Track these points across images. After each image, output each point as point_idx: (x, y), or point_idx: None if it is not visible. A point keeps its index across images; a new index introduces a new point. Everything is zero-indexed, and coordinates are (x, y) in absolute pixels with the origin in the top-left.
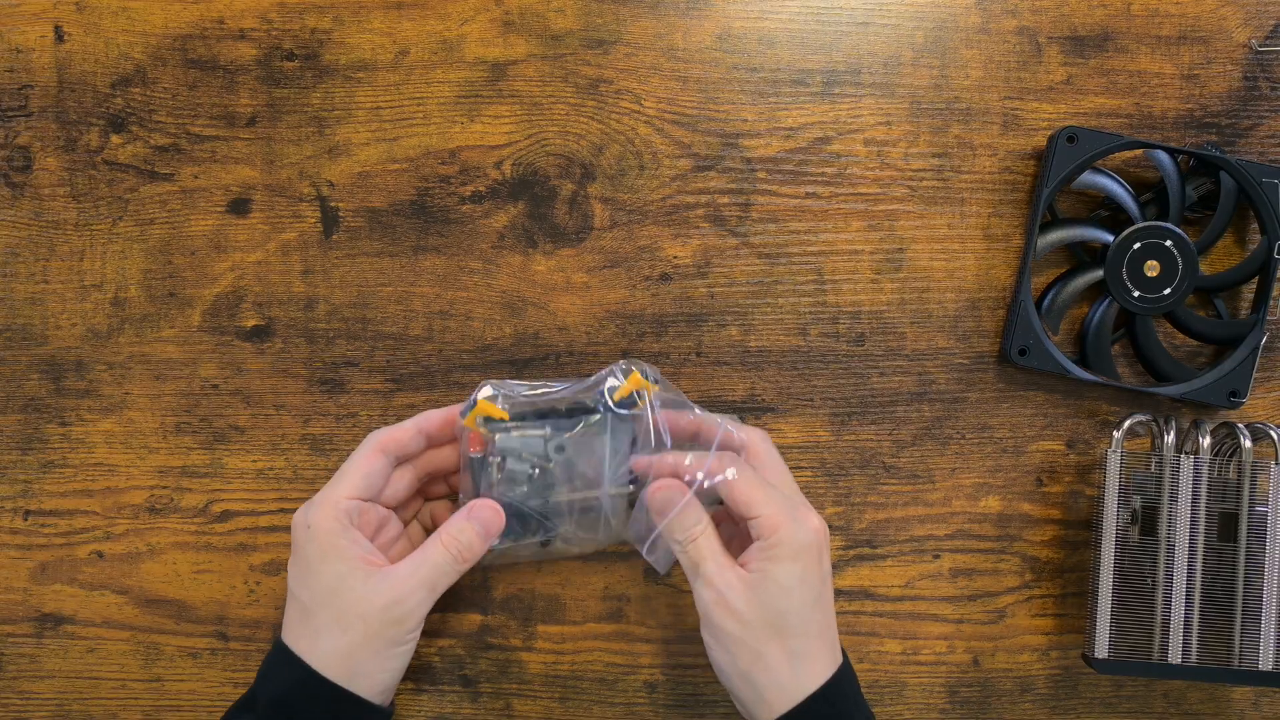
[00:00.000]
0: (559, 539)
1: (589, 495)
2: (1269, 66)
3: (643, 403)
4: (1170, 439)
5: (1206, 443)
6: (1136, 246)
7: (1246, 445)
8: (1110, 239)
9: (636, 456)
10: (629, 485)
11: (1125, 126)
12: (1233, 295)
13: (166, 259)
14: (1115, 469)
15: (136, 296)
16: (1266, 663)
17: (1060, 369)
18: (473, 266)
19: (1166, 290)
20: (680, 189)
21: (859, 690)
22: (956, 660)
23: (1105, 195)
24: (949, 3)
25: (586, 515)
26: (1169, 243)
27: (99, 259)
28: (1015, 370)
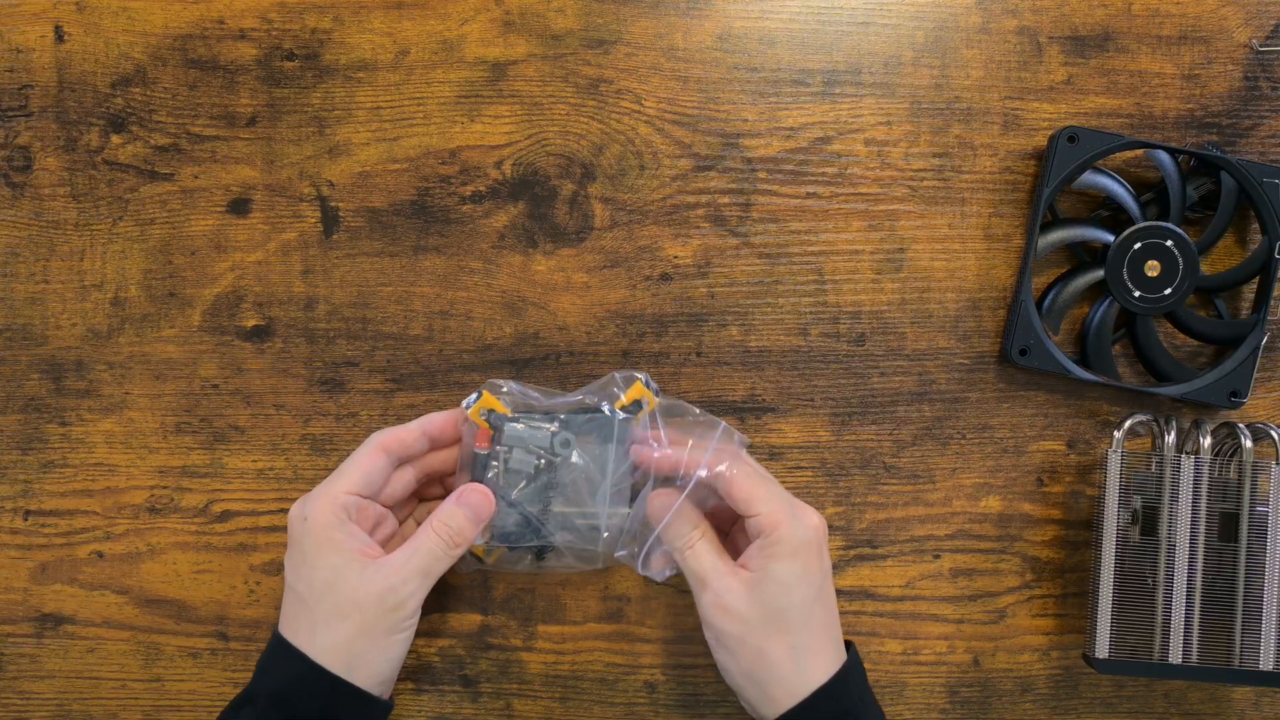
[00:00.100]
0: (554, 553)
1: (587, 510)
2: (1270, 66)
3: (644, 411)
4: (1171, 439)
5: (1207, 443)
6: (1137, 246)
7: (1247, 445)
8: (1111, 239)
9: (638, 448)
10: (626, 507)
11: (1126, 126)
12: (1233, 295)
13: (167, 259)
14: (1116, 469)
15: (136, 296)
16: (1267, 663)
17: (1061, 369)
18: (473, 266)
19: (1167, 290)
20: (681, 189)
21: (866, 685)
22: (957, 660)
23: (1106, 195)
24: (950, 3)
25: (583, 530)
26: (1170, 243)
27: (99, 259)
28: (1016, 370)
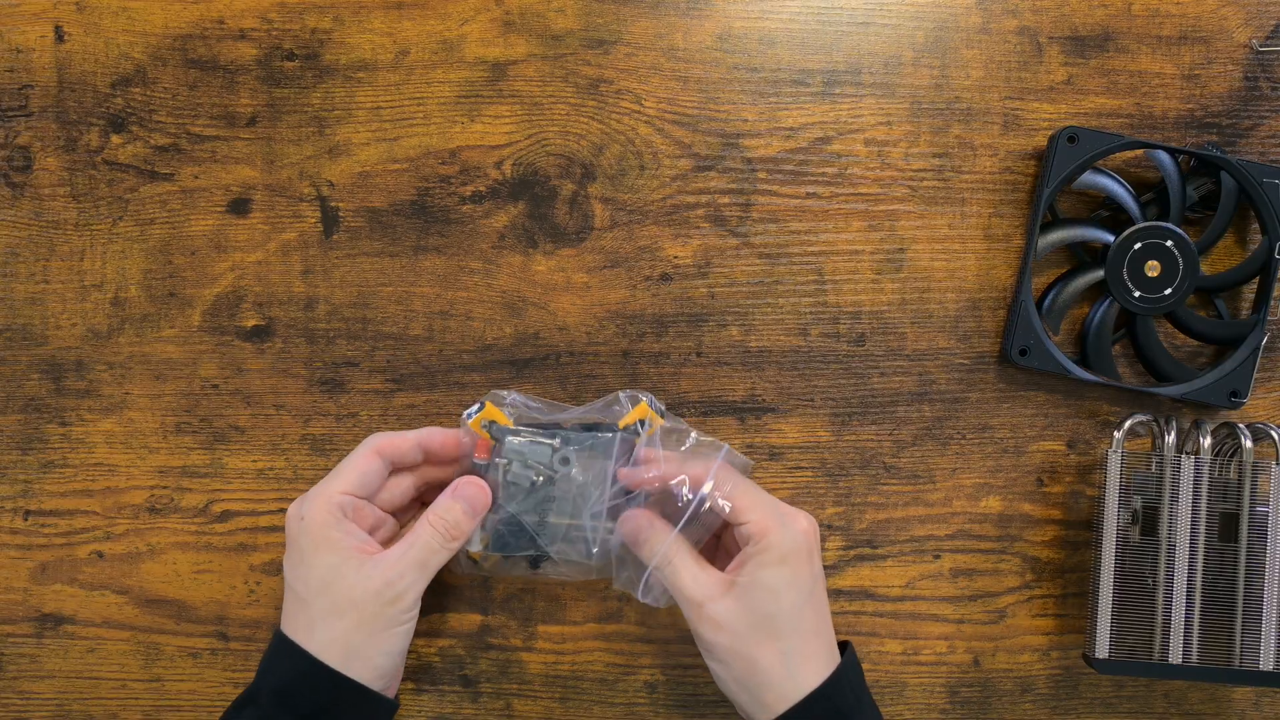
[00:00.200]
0: (549, 562)
1: (580, 525)
2: (1270, 66)
3: (649, 432)
4: (1171, 439)
5: (1207, 443)
6: (1137, 247)
7: (1247, 445)
8: (1111, 239)
9: (626, 471)
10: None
11: (1126, 126)
12: (1233, 295)
13: (166, 259)
14: (1116, 469)
15: (136, 296)
16: (1267, 663)
17: (1061, 369)
18: (473, 266)
19: (1167, 290)
20: (681, 189)
21: (863, 687)
22: (957, 660)
23: (1106, 195)
24: (950, 3)
25: (577, 542)
26: (1170, 243)
27: (99, 259)
28: (1016, 370)
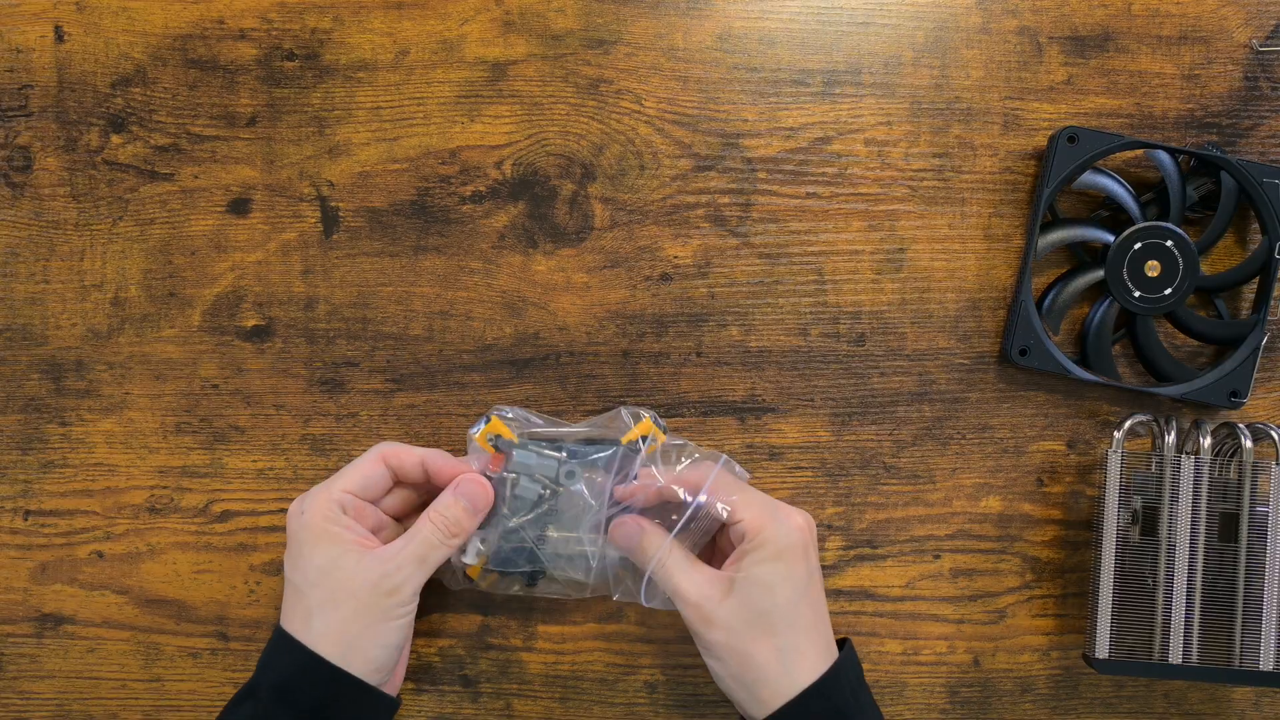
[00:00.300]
0: (545, 579)
1: (579, 539)
2: (1270, 66)
3: (650, 449)
4: (1171, 439)
5: (1207, 443)
6: (1137, 246)
7: (1247, 445)
8: (1111, 239)
9: (621, 487)
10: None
11: (1126, 126)
12: (1233, 295)
13: (166, 259)
14: (1116, 469)
15: (136, 296)
16: (1267, 663)
17: (1061, 369)
18: (473, 266)
19: (1167, 290)
20: (681, 189)
21: (861, 684)
22: (957, 660)
23: (1106, 195)
24: (950, 3)
25: (576, 558)
26: (1170, 243)
27: (99, 259)
28: (1016, 370)
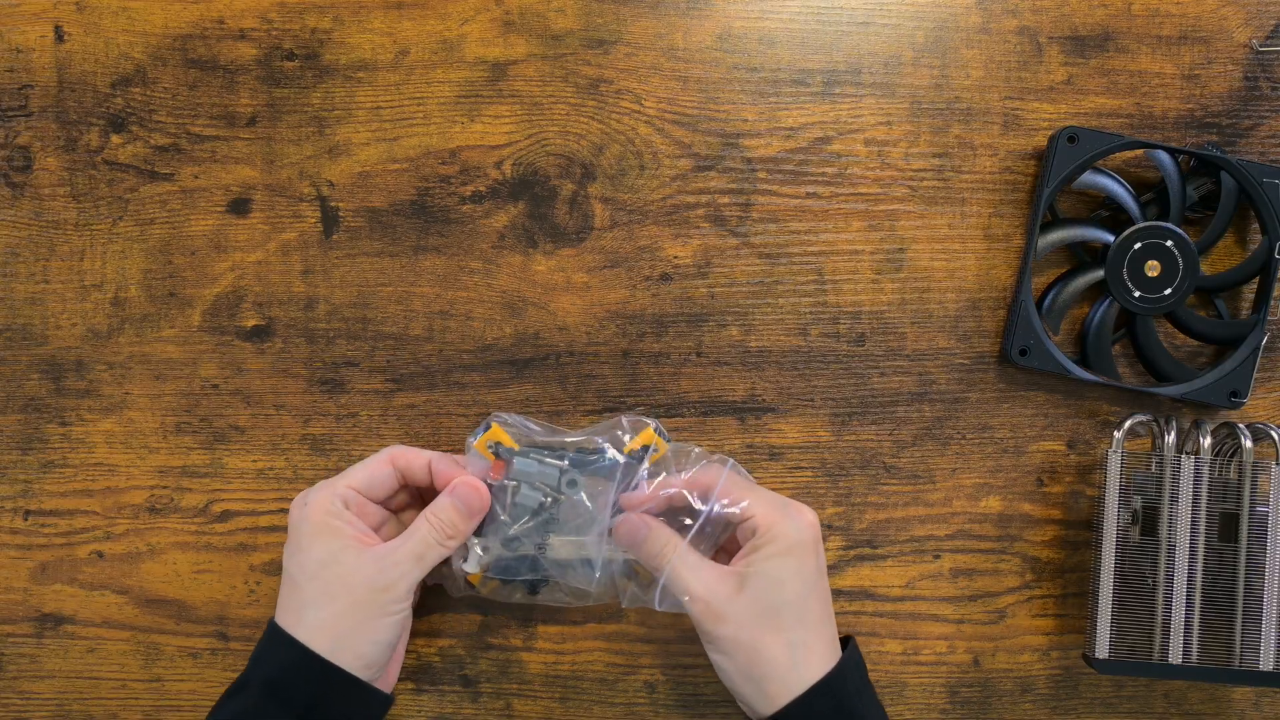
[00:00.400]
0: (548, 587)
1: (582, 546)
2: (1269, 66)
3: (653, 458)
4: (1171, 439)
5: (1207, 443)
6: (1137, 246)
7: (1247, 445)
8: (1111, 239)
9: (628, 495)
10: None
11: (1126, 126)
12: (1233, 295)
13: (166, 259)
14: (1116, 469)
15: (136, 296)
16: (1267, 663)
17: (1061, 369)
18: (473, 266)
19: (1167, 290)
20: (680, 189)
21: (864, 680)
22: (957, 660)
23: (1106, 195)
24: (950, 2)
25: (580, 566)
26: (1170, 243)
27: (99, 259)
28: (1016, 370)
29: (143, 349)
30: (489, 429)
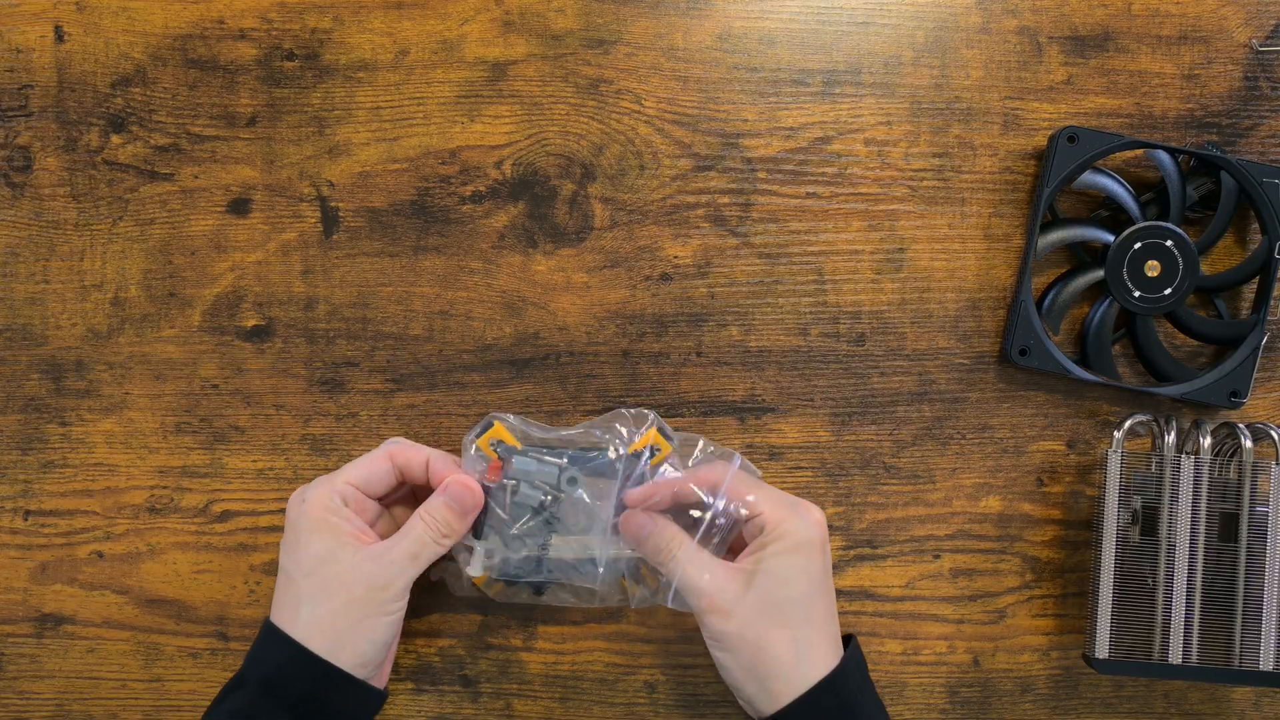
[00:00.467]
0: (552, 589)
1: (586, 546)
2: (1270, 66)
3: (657, 459)
4: (1171, 439)
5: (1207, 443)
6: (1137, 246)
7: (1247, 445)
8: (1111, 239)
9: (630, 492)
10: (630, 548)
11: (1126, 126)
12: (1233, 295)
13: (166, 259)
14: (1116, 469)
15: (136, 296)
16: (1267, 663)
17: (1061, 369)
18: (473, 266)
19: (1167, 290)
20: (680, 189)
21: (867, 678)
22: (957, 660)
23: (1106, 195)
24: (949, 2)
25: (580, 566)
26: (1169, 243)
27: (99, 259)
28: (1016, 370)
29: (143, 349)
30: (490, 427)
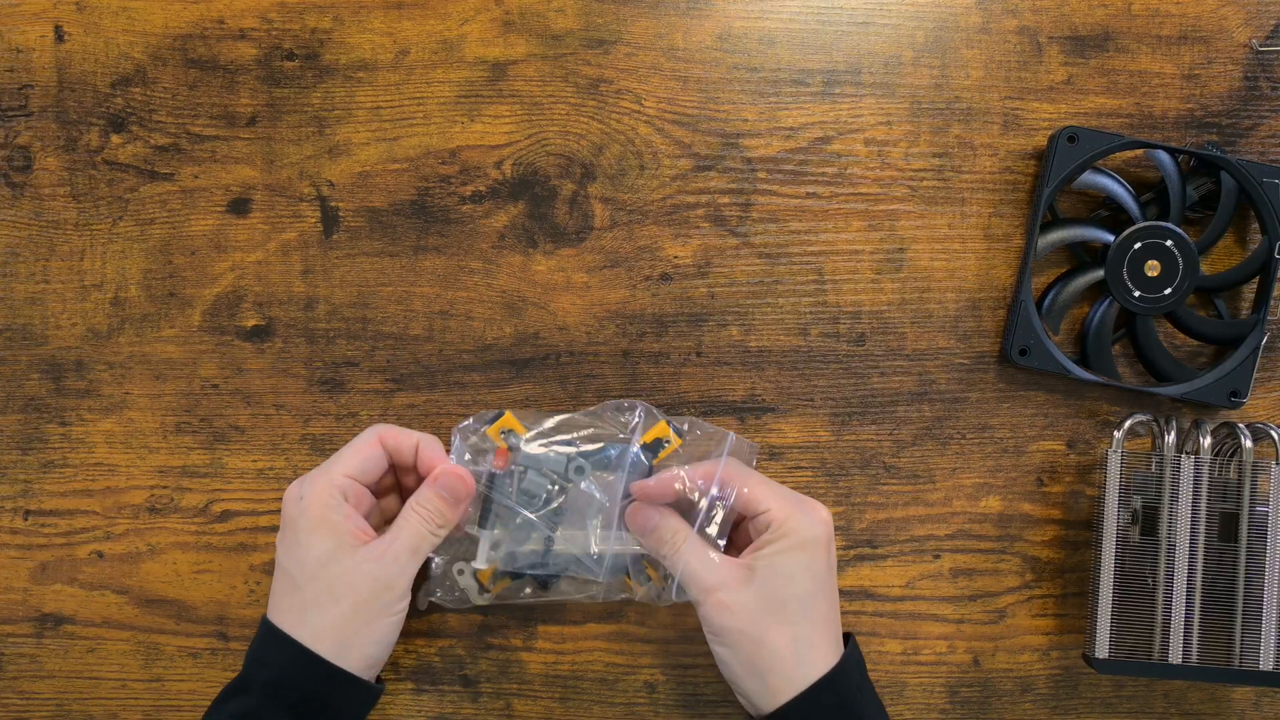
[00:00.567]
0: (557, 581)
1: (591, 536)
2: (1269, 66)
3: (666, 451)
4: (1171, 439)
5: (1207, 443)
6: (1137, 246)
7: (1247, 445)
8: (1111, 239)
9: (637, 483)
10: (636, 544)
11: (1126, 126)
12: (1233, 295)
13: (166, 259)
14: (1116, 469)
15: (136, 296)
16: (1267, 663)
17: (1061, 369)
18: (473, 266)
19: (1167, 290)
20: (680, 189)
21: (866, 676)
22: (957, 660)
23: (1106, 195)
24: (949, 2)
25: (584, 558)
26: (1169, 243)
27: (99, 259)
28: (1016, 370)
29: (143, 349)
30: (502, 415)
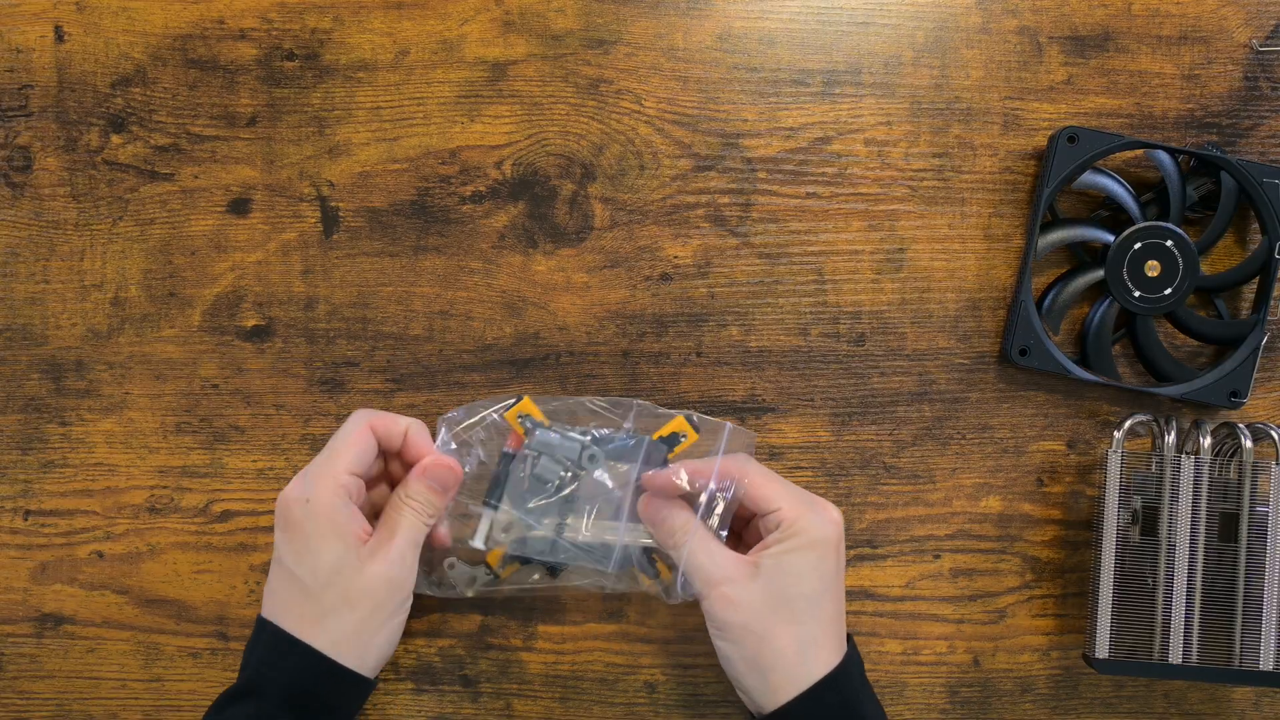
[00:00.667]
0: (567, 570)
1: (602, 526)
2: (1270, 66)
3: (682, 445)
4: (1171, 439)
5: (1207, 443)
6: (1137, 246)
7: (1247, 445)
8: (1111, 239)
9: (648, 474)
10: (647, 536)
11: (1126, 126)
12: (1233, 295)
13: (166, 259)
14: (1116, 469)
15: (136, 296)
16: (1267, 663)
17: (1061, 369)
18: (473, 266)
19: (1167, 290)
20: (681, 189)
21: (865, 679)
22: (957, 660)
23: (1106, 195)
24: (950, 2)
25: (595, 547)
26: (1170, 243)
27: (99, 259)
28: (1016, 370)
29: (143, 349)
30: (520, 400)
